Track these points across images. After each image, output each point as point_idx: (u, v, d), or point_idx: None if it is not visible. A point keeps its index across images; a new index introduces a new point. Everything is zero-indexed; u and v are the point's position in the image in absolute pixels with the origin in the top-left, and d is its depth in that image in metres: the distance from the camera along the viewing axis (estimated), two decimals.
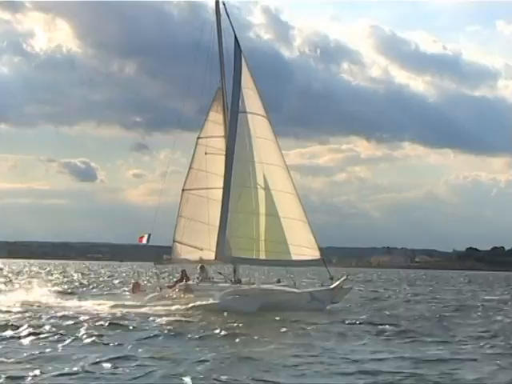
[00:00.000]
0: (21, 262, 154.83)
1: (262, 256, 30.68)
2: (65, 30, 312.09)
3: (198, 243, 32.03)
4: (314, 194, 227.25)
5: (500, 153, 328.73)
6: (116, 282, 57.62)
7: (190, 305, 28.70)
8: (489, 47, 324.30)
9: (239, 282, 30.87)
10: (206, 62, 31.70)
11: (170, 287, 31.96)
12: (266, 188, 30.87)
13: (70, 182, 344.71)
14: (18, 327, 21.05)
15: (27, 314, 25.65)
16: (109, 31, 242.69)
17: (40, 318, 24.65)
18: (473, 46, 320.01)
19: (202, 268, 31.61)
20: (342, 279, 30.79)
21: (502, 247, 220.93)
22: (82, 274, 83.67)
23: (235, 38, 31.91)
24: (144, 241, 32.54)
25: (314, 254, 30.90)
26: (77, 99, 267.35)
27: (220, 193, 31.00)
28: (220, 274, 32.10)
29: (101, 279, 65.23)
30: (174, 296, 30.47)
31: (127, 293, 35.11)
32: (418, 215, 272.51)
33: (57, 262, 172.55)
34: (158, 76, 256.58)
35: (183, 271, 32.11)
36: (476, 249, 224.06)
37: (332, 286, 30.39)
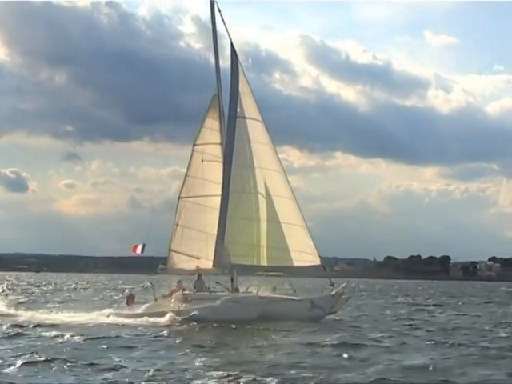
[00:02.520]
0: None
1: (263, 262, 30.38)
2: None
3: (195, 252, 31.41)
4: None
5: (431, 162, 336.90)
6: None
7: (186, 315, 28.29)
8: (418, 57, 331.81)
9: (237, 291, 30.39)
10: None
11: (165, 297, 31.28)
12: (266, 193, 30.64)
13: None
14: None
15: None
16: (37, 39, 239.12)
17: None
18: (402, 55, 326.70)
19: (198, 276, 31.08)
20: (342, 286, 30.72)
21: (419, 256, 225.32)
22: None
23: (231, 44, 31.72)
24: (138, 251, 31.53)
25: (315, 260, 30.69)
26: (6, 108, 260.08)
27: (217, 200, 30.59)
28: (217, 283, 31.48)
29: None
30: (171, 305, 29.83)
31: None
32: (351, 225, 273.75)
33: None
34: (88, 85, 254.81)
35: (179, 282, 31.36)
36: (394, 257, 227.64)
37: (333, 293, 30.27)
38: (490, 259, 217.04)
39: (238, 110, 30.98)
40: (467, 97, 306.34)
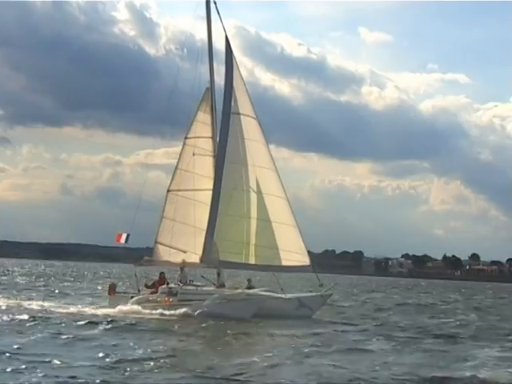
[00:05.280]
0: None
1: (252, 261, 30.21)
2: None
3: (182, 245, 31.17)
4: None
5: (363, 158, 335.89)
6: None
7: (181, 310, 28.04)
8: (353, 53, 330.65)
9: (223, 286, 30.24)
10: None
11: (147, 287, 30.94)
12: (258, 191, 30.45)
13: None
14: None
15: None
16: None
17: None
18: (337, 51, 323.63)
19: (181, 269, 30.79)
20: (331, 286, 31.01)
21: (333, 250, 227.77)
22: None
23: (226, 38, 31.49)
24: (122, 240, 31.08)
25: (304, 260, 30.82)
26: None
27: (207, 195, 30.35)
28: (203, 277, 31.27)
29: None
30: (158, 299, 29.46)
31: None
32: None
33: None
34: (21, 69, 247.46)
35: (162, 273, 31.05)
36: (309, 251, 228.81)
37: (321, 293, 30.47)
38: (402, 256, 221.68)
39: (233, 105, 30.70)
40: (401, 94, 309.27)
